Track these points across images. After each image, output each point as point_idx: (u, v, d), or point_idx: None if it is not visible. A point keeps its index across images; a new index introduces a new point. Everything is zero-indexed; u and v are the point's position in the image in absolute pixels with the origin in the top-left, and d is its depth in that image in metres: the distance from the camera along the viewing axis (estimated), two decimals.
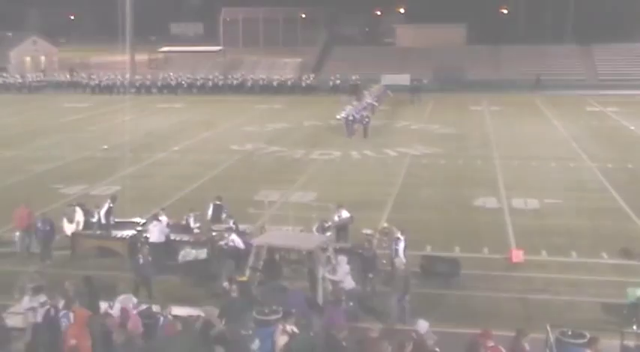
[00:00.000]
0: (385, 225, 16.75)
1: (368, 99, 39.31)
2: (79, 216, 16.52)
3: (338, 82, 50.77)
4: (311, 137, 32.97)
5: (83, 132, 35.28)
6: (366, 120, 32.30)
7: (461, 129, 34.67)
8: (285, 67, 60.40)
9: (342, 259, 13.11)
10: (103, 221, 16.56)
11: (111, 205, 17.02)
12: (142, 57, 65.28)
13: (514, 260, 15.53)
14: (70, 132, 35.30)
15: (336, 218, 16.17)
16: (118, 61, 63.73)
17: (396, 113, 41.89)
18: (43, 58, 70.04)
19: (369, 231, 15.61)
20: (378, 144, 30.48)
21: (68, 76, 58.74)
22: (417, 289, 14.09)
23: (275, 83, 52.87)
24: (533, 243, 16.85)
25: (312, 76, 52.84)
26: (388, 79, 51.89)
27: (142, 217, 17.60)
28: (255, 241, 13.44)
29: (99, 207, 16.85)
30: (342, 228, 16.13)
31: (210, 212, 16.93)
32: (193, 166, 26.56)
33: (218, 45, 67.36)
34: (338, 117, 33.44)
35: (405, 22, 75.39)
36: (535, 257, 15.91)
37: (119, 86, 54.76)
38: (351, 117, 32.16)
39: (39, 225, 15.63)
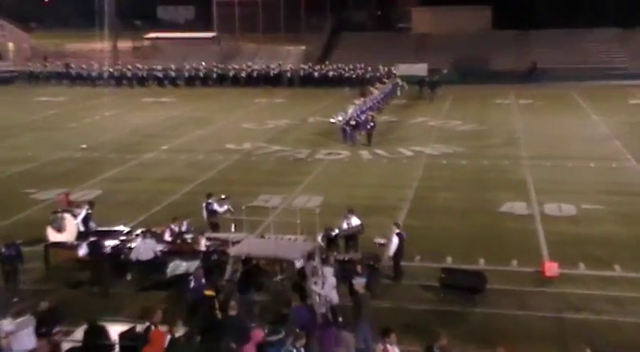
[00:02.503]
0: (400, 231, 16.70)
1: (375, 96, 38.79)
2: (71, 224, 16.43)
3: (378, 73, 50.42)
4: (316, 135, 32.98)
5: (59, 129, 35.41)
6: (371, 124, 30.29)
7: (485, 126, 34.59)
8: (288, 56, 60.49)
9: (328, 271, 13.11)
10: (81, 229, 16.55)
11: (89, 212, 17.02)
12: (125, 44, 65.55)
13: (547, 274, 15.45)
14: (44, 129, 35.45)
15: (344, 225, 16.16)
16: (98, 48, 63.99)
17: (411, 107, 41.81)
18: (11, 44, 70.12)
19: (381, 240, 15.58)
20: (392, 143, 30.42)
21: (42, 66, 58.98)
22: (437, 306, 14.06)
23: (316, 74, 52.55)
24: (569, 254, 16.76)
25: (361, 65, 52.33)
26: (403, 69, 51.96)
27: (126, 225, 17.64)
28: (231, 251, 13.43)
29: (75, 214, 16.88)
30: (351, 237, 16.12)
31: (204, 213, 17.37)
32: (185, 168, 26.61)
33: (211, 31, 67.52)
34: (332, 120, 31.88)
35: (421, 4, 75.21)
36: (571, 270, 15.83)
37: (99, 77, 55.03)
38: (352, 122, 30.36)
39: (3, 250, 14.68)
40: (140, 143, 31.52)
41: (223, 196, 17.83)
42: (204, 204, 17.62)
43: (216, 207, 17.52)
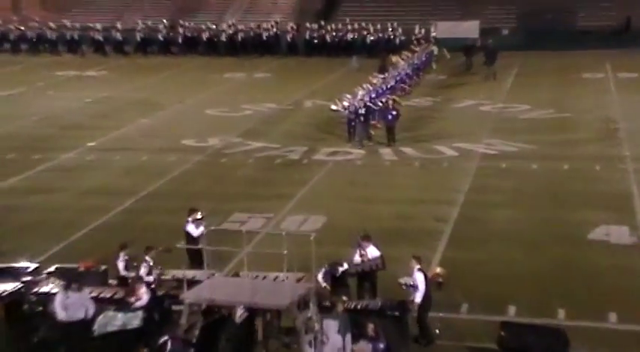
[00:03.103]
0: (438, 270, 16.60)
1: (399, 71, 37.99)
2: None
3: (413, 36, 49.97)
4: (316, 126, 32.96)
5: None
6: (393, 113, 29.51)
7: (567, 111, 34.58)
8: (274, 10, 60.58)
9: (331, 325, 13.12)
10: None
11: None
12: None
13: None
14: None
15: (357, 258, 16.13)
16: None
17: (455, 86, 41.75)
18: None
19: (410, 281, 15.50)
20: (426, 138, 30.42)
21: None
22: None
23: (328, 37, 52.52)
24: None
25: (392, 24, 51.86)
26: (443, 29, 51.93)
27: (31, 260, 17.53)
28: (186, 296, 13.45)
29: None
30: (367, 276, 16.06)
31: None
32: (121, 174, 26.59)
33: None
34: (334, 107, 31.28)
35: None
36: None
37: (2, 38, 54.98)
38: (362, 110, 29.58)
39: None
40: (55, 137, 31.53)
41: (199, 215, 17.76)
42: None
43: (189, 227, 17.44)
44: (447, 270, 16.54)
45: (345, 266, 15.87)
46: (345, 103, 30.62)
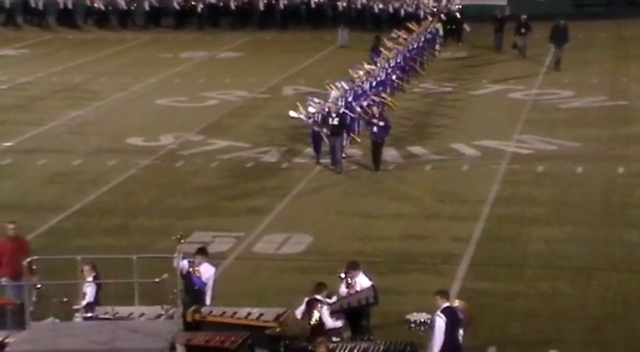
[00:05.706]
0: (456, 304, 16.51)
1: (389, 61, 36.00)
2: None
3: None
4: (298, 120, 32.78)
5: None
6: (380, 125, 26.78)
7: (622, 98, 34.66)
8: None
9: None
10: None
11: None
12: None
13: None
14: None
15: (343, 289, 16.11)
16: None
17: (477, 65, 41.80)
18: None
19: (422, 317, 15.44)
20: (440, 135, 30.60)
21: None
22: None
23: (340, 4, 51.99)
24: None
25: None
26: None
27: None
28: (12, 349, 13.55)
29: None
30: (356, 313, 16.04)
31: None
32: (45, 183, 26.52)
33: None
34: (293, 114, 28.92)
35: None
36: None
37: None
38: (334, 120, 26.81)
39: None
40: None
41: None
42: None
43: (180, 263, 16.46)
44: (468, 305, 16.53)
45: (331, 298, 15.80)
46: (312, 109, 28.32)
